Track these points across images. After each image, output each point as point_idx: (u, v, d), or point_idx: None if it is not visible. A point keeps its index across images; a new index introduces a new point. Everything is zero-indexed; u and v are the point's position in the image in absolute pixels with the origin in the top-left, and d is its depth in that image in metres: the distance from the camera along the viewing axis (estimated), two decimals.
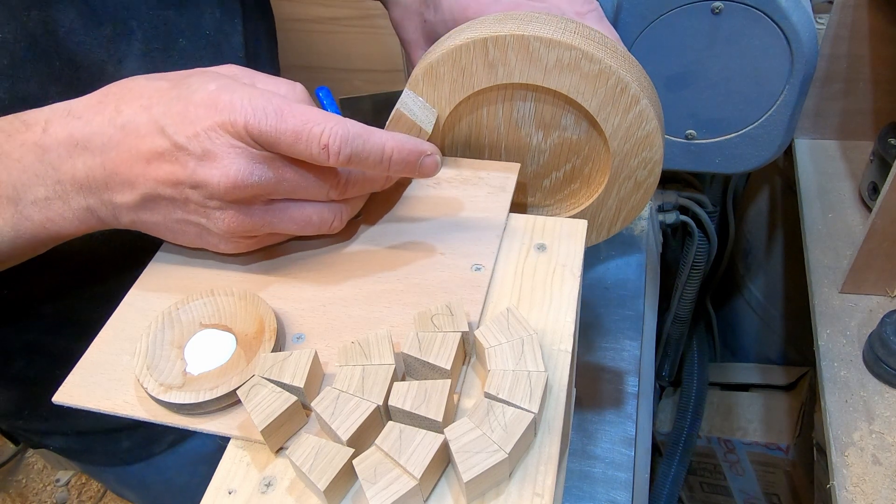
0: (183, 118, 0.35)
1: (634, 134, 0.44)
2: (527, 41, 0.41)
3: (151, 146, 0.35)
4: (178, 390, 0.34)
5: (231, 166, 0.35)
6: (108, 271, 0.46)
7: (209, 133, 0.35)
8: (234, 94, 0.35)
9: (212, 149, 0.35)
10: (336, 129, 0.35)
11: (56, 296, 0.55)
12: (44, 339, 0.57)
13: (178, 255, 0.43)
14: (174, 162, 0.35)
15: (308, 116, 0.35)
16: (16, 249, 0.39)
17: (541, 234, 0.42)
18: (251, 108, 0.34)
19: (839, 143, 0.99)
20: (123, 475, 0.71)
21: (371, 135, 0.36)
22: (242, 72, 0.40)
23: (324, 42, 1.23)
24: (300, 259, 0.42)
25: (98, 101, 0.37)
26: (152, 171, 0.36)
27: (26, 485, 1.71)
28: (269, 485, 0.32)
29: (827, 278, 0.82)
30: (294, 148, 0.35)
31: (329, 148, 0.35)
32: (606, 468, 0.64)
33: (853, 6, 0.86)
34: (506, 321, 0.34)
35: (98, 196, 0.38)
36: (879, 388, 0.72)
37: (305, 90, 0.41)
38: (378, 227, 0.43)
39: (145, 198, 0.37)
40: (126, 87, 0.38)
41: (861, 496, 0.64)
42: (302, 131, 0.34)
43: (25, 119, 0.38)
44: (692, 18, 0.70)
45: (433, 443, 0.30)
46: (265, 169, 0.36)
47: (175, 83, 0.37)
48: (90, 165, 0.37)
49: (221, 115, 0.35)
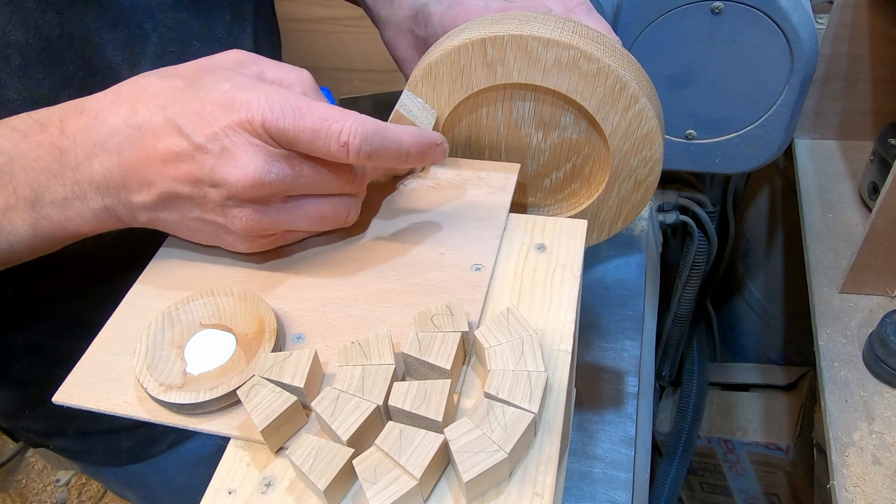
0: (200, 118, 0.35)
1: (634, 133, 0.44)
2: (525, 41, 0.41)
3: (168, 146, 0.36)
4: (178, 390, 0.34)
5: (250, 164, 0.35)
6: (116, 273, 0.46)
7: (227, 131, 0.35)
8: (251, 93, 0.35)
9: (230, 147, 0.35)
10: (355, 126, 0.35)
11: (62, 297, 0.55)
12: (47, 339, 0.57)
13: (179, 256, 0.43)
14: (192, 161, 0.35)
15: (326, 114, 0.35)
16: (33, 248, 0.39)
17: (541, 234, 0.42)
18: (268, 105, 0.34)
19: (839, 143, 0.99)
20: (124, 475, 0.71)
21: (388, 130, 0.36)
22: (249, 57, 0.40)
23: (324, 42, 1.24)
24: (300, 259, 0.42)
25: (112, 100, 0.37)
26: (170, 171, 0.36)
27: (26, 485, 1.71)
28: (269, 485, 0.32)
29: (827, 278, 0.82)
30: (313, 145, 0.35)
31: (349, 145, 0.35)
32: (606, 468, 0.64)
33: (853, 6, 0.86)
34: (506, 321, 0.34)
35: (116, 196, 0.38)
36: (879, 388, 0.72)
37: (311, 77, 0.41)
38: (378, 228, 0.43)
39: (163, 196, 0.37)
40: (139, 85, 0.37)
41: (861, 496, 0.64)
42: (321, 129, 0.34)
43: (39, 119, 0.37)
44: (692, 18, 0.70)
45: (433, 443, 0.30)
46: (283, 166, 0.36)
47: (189, 82, 0.37)
48: (107, 166, 0.37)
49: (239, 114, 0.35)
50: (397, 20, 0.53)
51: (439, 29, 0.48)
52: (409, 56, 0.55)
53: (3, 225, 0.37)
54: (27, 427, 0.65)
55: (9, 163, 0.37)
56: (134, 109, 0.36)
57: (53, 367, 0.37)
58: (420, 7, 0.50)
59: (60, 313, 0.56)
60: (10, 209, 0.37)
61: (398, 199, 0.45)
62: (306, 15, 1.17)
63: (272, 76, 0.40)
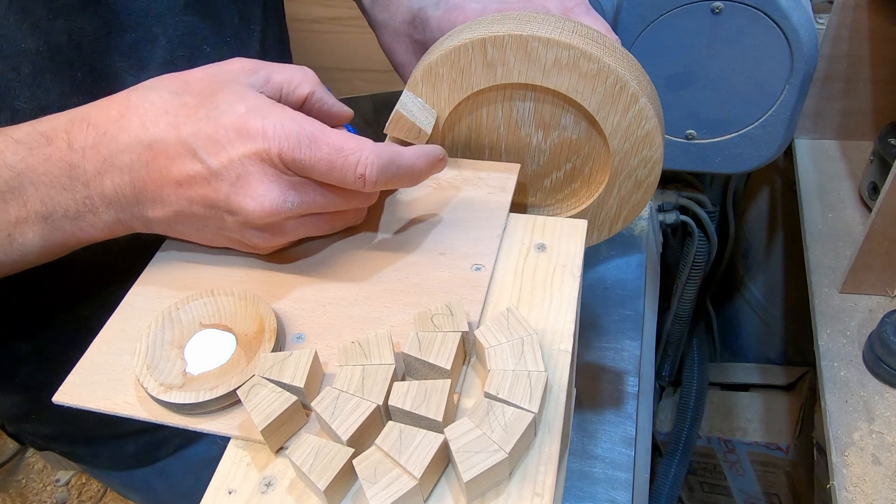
0: (214, 142, 0.35)
1: (634, 132, 0.44)
2: (525, 41, 0.41)
3: (183, 168, 0.36)
4: (178, 390, 0.34)
5: (266, 196, 0.35)
6: (123, 280, 0.46)
7: (243, 161, 0.35)
8: (266, 120, 0.35)
9: (245, 176, 0.35)
10: (371, 158, 0.35)
11: (69, 303, 0.55)
12: (54, 345, 0.57)
13: (179, 256, 0.43)
14: (206, 186, 0.36)
15: (342, 144, 0.35)
16: (44, 256, 0.40)
17: (541, 233, 0.42)
18: (284, 135, 0.34)
19: (839, 143, 0.99)
20: (129, 479, 0.71)
21: (402, 158, 0.37)
22: (254, 64, 0.40)
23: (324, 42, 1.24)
24: (300, 259, 0.42)
25: (120, 113, 0.37)
26: (185, 192, 0.36)
27: (26, 485, 1.71)
28: (269, 485, 0.32)
29: (827, 278, 0.82)
30: (328, 176, 0.35)
31: (366, 177, 0.35)
32: (606, 468, 0.64)
33: (853, 6, 0.86)
34: (506, 321, 0.34)
35: (129, 211, 0.38)
36: (879, 388, 0.72)
37: (315, 74, 0.42)
38: (378, 228, 0.43)
39: (178, 214, 0.37)
40: (147, 98, 0.37)
41: (861, 496, 0.64)
42: (336, 160, 0.35)
43: (43, 131, 0.37)
44: (692, 18, 0.70)
45: (433, 443, 0.30)
46: (297, 195, 0.36)
47: (201, 100, 0.36)
48: (119, 183, 0.37)
49: (255, 143, 0.35)
50: (394, 24, 0.53)
51: (437, 33, 0.48)
52: (406, 60, 0.55)
53: (16, 237, 0.37)
54: (34, 432, 0.65)
55: (17, 177, 0.36)
56: (144, 126, 0.36)
57: (60, 373, 0.37)
58: (417, 11, 0.50)
59: (67, 319, 0.56)
60: (22, 222, 0.37)
61: (399, 199, 0.45)
62: (306, 15, 1.17)
63: (280, 79, 0.40)
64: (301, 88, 0.41)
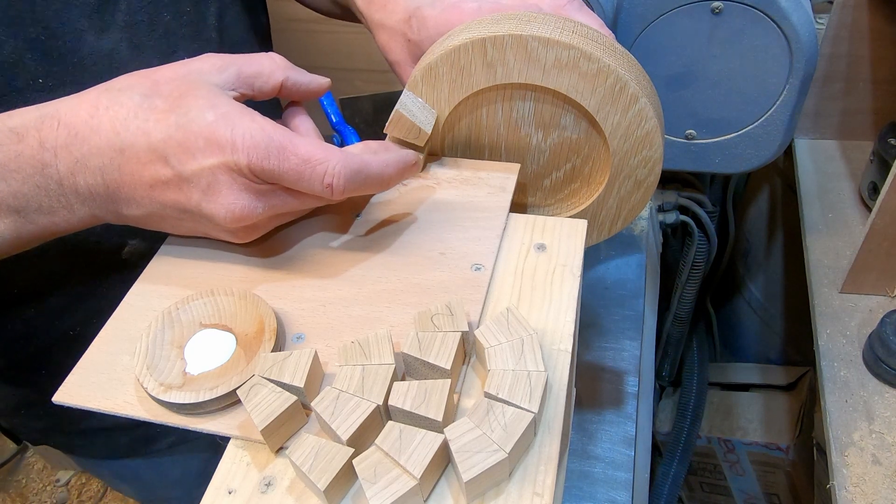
0: (185, 150, 0.35)
1: (634, 132, 0.44)
2: (525, 41, 0.41)
3: (154, 174, 0.36)
4: (178, 390, 0.34)
5: (236, 203, 0.36)
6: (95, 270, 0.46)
7: (213, 171, 0.35)
8: (235, 130, 0.35)
9: (215, 185, 0.36)
10: (339, 168, 0.36)
11: (40, 294, 0.55)
12: (49, 338, 0.57)
13: (179, 255, 0.43)
14: (178, 191, 0.36)
15: (309, 154, 0.35)
16: (16, 248, 0.40)
17: (541, 233, 0.42)
18: (253, 145, 0.35)
19: (839, 143, 0.99)
20: (119, 468, 0.72)
21: (369, 168, 0.37)
22: (223, 60, 0.40)
23: (324, 42, 1.24)
24: (300, 259, 0.42)
25: (90, 114, 0.37)
26: (157, 195, 0.37)
27: (26, 485, 1.71)
28: (269, 485, 0.32)
29: (827, 278, 0.82)
30: (297, 185, 0.36)
31: (333, 187, 0.36)
32: (606, 468, 0.64)
33: (853, 6, 0.86)
34: (506, 321, 0.34)
35: (103, 207, 0.38)
36: (879, 388, 0.72)
37: (284, 58, 0.42)
38: (378, 227, 0.43)
39: (152, 215, 0.38)
40: (116, 100, 0.37)
41: (861, 496, 0.64)
42: (304, 171, 0.35)
43: (13, 127, 0.37)
44: (692, 18, 0.70)
45: (433, 442, 0.30)
46: (267, 199, 0.37)
47: (171, 103, 0.36)
48: (91, 184, 0.37)
49: (224, 155, 0.35)
50: (391, 24, 0.53)
51: (434, 32, 0.48)
52: (401, 59, 0.55)
53: None
54: (28, 424, 0.66)
55: None
56: (115, 130, 0.36)
57: (54, 366, 0.38)
58: (414, 11, 0.50)
59: (40, 310, 0.56)
60: None
61: (398, 198, 0.45)
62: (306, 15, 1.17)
63: (249, 71, 0.40)
64: (273, 77, 0.41)
